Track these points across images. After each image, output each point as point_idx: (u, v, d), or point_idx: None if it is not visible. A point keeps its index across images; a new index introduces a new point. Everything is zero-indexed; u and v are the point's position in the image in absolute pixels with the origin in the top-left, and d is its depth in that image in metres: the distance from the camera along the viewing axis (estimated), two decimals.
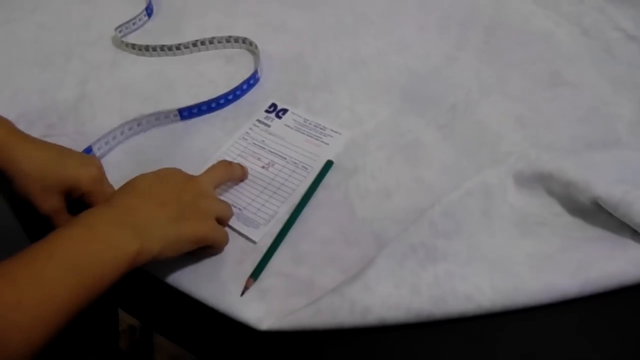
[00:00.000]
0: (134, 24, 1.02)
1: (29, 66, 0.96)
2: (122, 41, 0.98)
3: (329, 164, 0.76)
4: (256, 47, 0.93)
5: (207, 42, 0.96)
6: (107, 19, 1.02)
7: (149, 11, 1.05)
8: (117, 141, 0.81)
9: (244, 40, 0.95)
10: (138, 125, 0.82)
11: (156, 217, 0.61)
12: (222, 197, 0.74)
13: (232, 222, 0.71)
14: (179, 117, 0.84)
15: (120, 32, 1.00)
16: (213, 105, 0.85)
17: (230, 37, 0.95)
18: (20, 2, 1.09)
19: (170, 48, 0.96)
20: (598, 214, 0.66)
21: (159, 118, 0.83)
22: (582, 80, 0.85)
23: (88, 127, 0.84)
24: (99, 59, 0.97)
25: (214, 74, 0.92)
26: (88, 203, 0.70)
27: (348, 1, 1.04)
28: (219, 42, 0.96)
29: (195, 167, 0.77)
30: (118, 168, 0.78)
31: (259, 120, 0.83)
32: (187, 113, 0.84)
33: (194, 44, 0.96)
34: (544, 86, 0.85)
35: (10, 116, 0.82)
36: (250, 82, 0.88)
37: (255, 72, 0.88)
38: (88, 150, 0.78)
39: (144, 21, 1.04)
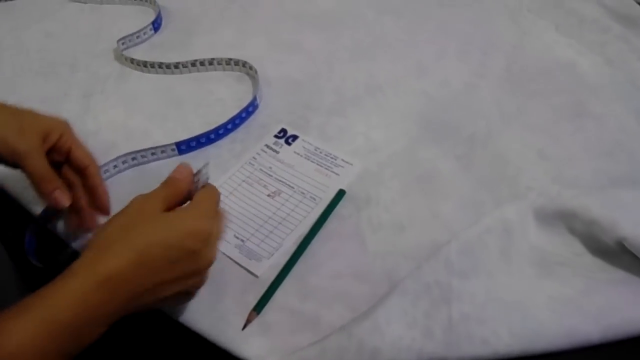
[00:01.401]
0: (137, 37, 0.99)
1: (33, 75, 0.94)
2: (122, 54, 0.96)
3: (341, 194, 0.73)
4: (256, 72, 0.90)
5: (206, 63, 0.93)
6: (116, 31, 1.00)
7: (155, 25, 1.02)
8: (109, 175, 0.77)
9: (244, 64, 0.92)
10: (133, 159, 0.78)
11: (152, 299, 0.56)
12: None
13: (234, 254, 0.69)
14: (176, 152, 0.80)
15: (122, 44, 0.97)
16: (212, 136, 0.81)
17: (230, 59, 0.92)
18: (27, 9, 1.07)
19: (168, 66, 0.93)
20: (621, 255, 0.64)
21: (156, 153, 0.79)
22: (606, 112, 0.82)
23: (91, 142, 0.81)
24: (105, 71, 0.94)
25: (224, 93, 0.89)
26: (64, 149, 0.68)
27: (366, 22, 1.01)
28: (218, 64, 0.93)
29: None
30: (119, 183, 0.76)
31: (267, 146, 0.80)
32: (185, 147, 0.80)
33: (193, 64, 0.93)
34: (566, 118, 0.82)
35: None
36: (249, 109, 0.84)
37: (254, 99, 0.85)
38: None
39: (149, 35, 1.01)
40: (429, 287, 0.61)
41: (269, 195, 0.74)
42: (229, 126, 0.82)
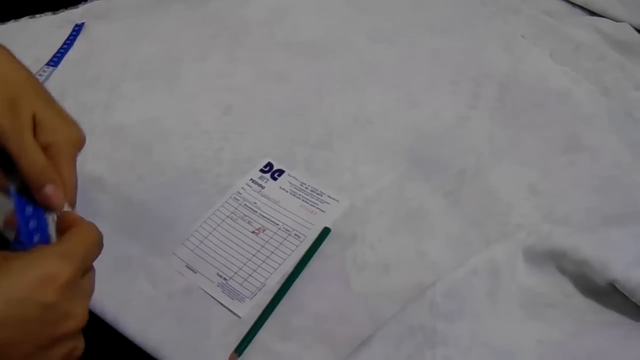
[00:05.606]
0: None
1: None
2: None
3: (325, 232, 0.72)
4: None
5: None
6: (105, 57, 0.98)
7: None
8: None
9: None
10: None
11: None
12: (207, 264, 0.70)
13: (216, 293, 0.67)
14: None
15: None
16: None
17: None
18: (17, 36, 1.06)
19: None
20: (613, 295, 0.63)
21: None
22: (600, 145, 0.81)
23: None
24: (93, 99, 0.92)
25: (210, 125, 0.87)
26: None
27: (357, 51, 0.98)
28: None
29: (183, 226, 0.73)
30: (103, 214, 0.75)
31: (252, 180, 0.79)
32: None
33: None
34: (559, 151, 0.80)
35: None
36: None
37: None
38: None
39: None
40: (413, 330, 0.60)
41: (253, 232, 0.73)
42: None
